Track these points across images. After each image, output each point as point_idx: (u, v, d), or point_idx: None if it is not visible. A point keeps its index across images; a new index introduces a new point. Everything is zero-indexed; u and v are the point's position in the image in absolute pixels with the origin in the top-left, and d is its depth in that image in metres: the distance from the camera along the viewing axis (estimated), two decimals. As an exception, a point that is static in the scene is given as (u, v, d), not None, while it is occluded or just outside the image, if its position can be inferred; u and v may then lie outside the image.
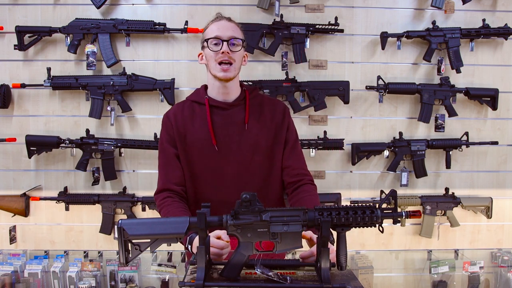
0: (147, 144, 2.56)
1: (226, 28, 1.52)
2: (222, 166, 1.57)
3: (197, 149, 1.57)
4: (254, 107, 1.62)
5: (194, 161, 1.58)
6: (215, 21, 1.55)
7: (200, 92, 1.64)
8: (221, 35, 1.51)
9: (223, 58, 1.50)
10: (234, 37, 1.52)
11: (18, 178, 2.67)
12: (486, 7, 2.68)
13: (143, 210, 2.66)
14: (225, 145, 1.56)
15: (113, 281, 2.56)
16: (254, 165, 1.58)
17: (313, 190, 1.60)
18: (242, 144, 1.57)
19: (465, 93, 2.63)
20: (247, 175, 1.58)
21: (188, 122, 1.59)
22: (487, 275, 2.73)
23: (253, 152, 1.58)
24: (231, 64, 1.52)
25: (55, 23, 2.56)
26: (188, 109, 1.62)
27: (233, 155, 1.57)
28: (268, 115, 1.62)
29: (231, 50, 1.51)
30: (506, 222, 2.79)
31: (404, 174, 2.67)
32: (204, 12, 2.61)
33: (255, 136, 1.58)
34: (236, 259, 1.15)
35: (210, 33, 1.54)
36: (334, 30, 2.57)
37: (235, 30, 1.54)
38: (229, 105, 1.59)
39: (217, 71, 1.53)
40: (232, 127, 1.57)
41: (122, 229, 1.11)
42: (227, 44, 1.50)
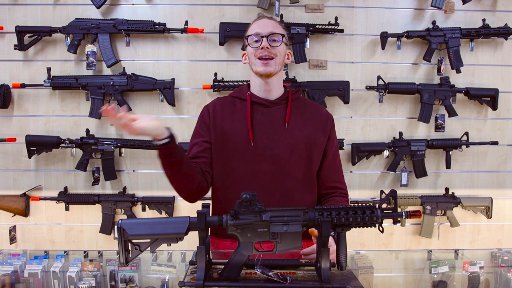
0: (147, 144, 2.56)
1: (265, 24, 1.52)
2: (257, 163, 1.53)
3: (233, 143, 1.54)
4: (296, 108, 1.58)
5: (229, 153, 1.55)
6: (256, 20, 1.56)
7: (243, 89, 1.63)
8: (261, 31, 1.50)
9: (263, 53, 1.49)
10: (274, 33, 1.50)
11: (18, 178, 2.67)
12: (486, 7, 2.68)
13: (143, 210, 2.66)
14: (262, 142, 1.53)
15: (113, 281, 2.56)
16: (290, 165, 1.54)
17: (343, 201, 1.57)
18: (280, 142, 1.53)
19: (465, 93, 2.63)
20: (282, 174, 1.53)
21: (227, 114, 1.57)
22: (487, 275, 2.73)
23: (290, 152, 1.54)
24: (271, 59, 1.50)
25: (55, 23, 2.56)
26: (229, 104, 1.60)
27: (270, 152, 1.53)
28: (310, 118, 1.59)
29: (271, 45, 1.49)
30: (506, 222, 2.79)
31: (404, 174, 2.67)
32: (204, 12, 2.61)
33: (294, 136, 1.54)
34: (236, 259, 1.15)
35: (250, 31, 1.54)
36: (334, 30, 2.57)
37: (275, 26, 1.54)
38: (271, 102, 1.56)
39: (257, 66, 1.51)
40: (271, 125, 1.55)
41: (122, 229, 1.11)
42: (266, 40, 1.49)
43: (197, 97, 2.66)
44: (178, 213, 2.69)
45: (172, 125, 2.71)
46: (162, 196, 2.65)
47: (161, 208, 2.63)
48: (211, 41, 2.63)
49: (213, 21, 2.61)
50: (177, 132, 2.70)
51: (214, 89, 2.56)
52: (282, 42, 1.52)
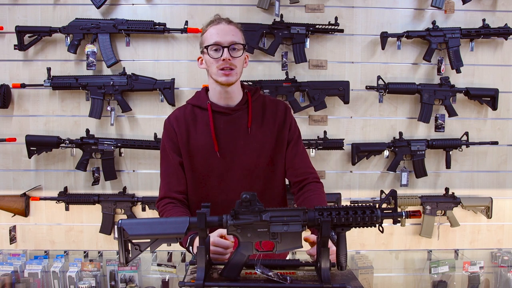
0: (147, 144, 2.56)
1: (225, 32, 1.47)
2: (226, 172, 1.55)
3: (201, 154, 1.55)
4: (257, 110, 1.59)
5: (198, 166, 1.57)
6: (213, 24, 1.50)
7: (201, 96, 1.61)
8: (221, 40, 1.46)
9: (224, 65, 1.47)
10: (235, 42, 1.47)
11: (18, 178, 2.67)
12: (486, 7, 2.68)
13: (143, 210, 2.66)
14: (228, 150, 1.54)
15: (113, 281, 2.56)
16: (258, 169, 1.57)
17: (319, 188, 1.59)
18: (246, 148, 1.55)
19: (465, 93, 2.63)
20: (250, 179, 1.57)
21: (191, 127, 1.56)
22: (487, 275, 2.73)
23: (257, 156, 1.56)
24: (232, 69, 1.49)
25: (55, 23, 2.56)
26: (190, 114, 1.59)
27: (237, 160, 1.55)
28: (270, 117, 1.59)
29: (232, 56, 1.47)
30: (506, 222, 2.79)
31: (404, 174, 2.67)
32: (204, 12, 2.61)
33: (259, 140, 1.56)
34: (236, 259, 1.15)
35: (209, 38, 1.49)
36: (334, 30, 2.57)
37: (235, 33, 1.50)
38: (232, 109, 1.56)
39: (218, 76, 1.50)
40: (235, 132, 1.55)
41: (122, 229, 1.11)
42: (227, 51, 1.46)
43: (197, 97, 2.65)
44: (178, 213, 2.68)
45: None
46: (162, 196, 2.65)
47: (161, 208, 2.63)
48: (211, 41, 2.63)
49: (213, 21, 2.61)
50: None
51: (214, 89, 2.56)
52: (243, 50, 1.51)
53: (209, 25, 1.51)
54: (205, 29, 1.52)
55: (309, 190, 1.57)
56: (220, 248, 1.29)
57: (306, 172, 1.61)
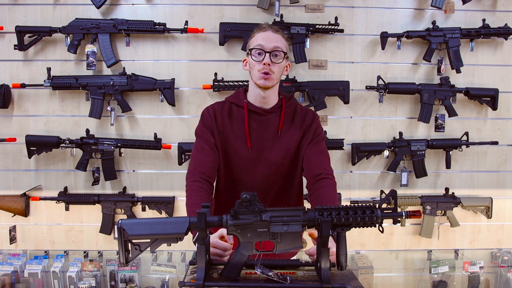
0: (147, 144, 2.56)
1: (270, 39, 1.57)
2: (254, 167, 1.66)
3: (233, 147, 1.66)
4: (288, 115, 1.69)
5: (230, 157, 1.67)
6: (261, 30, 1.61)
7: (239, 95, 1.71)
8: (265, 45, 1.56)
9: (264, 69, 1.57)
10: (277, 49, 1.57)
11: (18, 178, 2.67)
12: (486, 7, 2.68)
13: (143, 210, 2.66)
14: (258, 148, 1.65)
15: (113, 281, 2.56)
16: (281, 168, 1.68)
17: (331, 185, 1.64)
18: (274, 149, 1.66)
19: (465, 93, 2.63)
20: (274, 176, 1.68)
21: (226, 120, 1.66)
22: (487, 275, 2.73)
23: (282, 157, 1.67)
24: (270, 74, 1.58)
25: (55, 23, 2.56)
26: (227, 109, 1.69)
27: (265, 158, 1.66)
28: (299, 122, 1.70)
29: (273, 61, 1.57)
30: (506, 222, 2.79)
31: (404, 174, 2.67)
32: (204, 12, 2.61)
33: (285, 143, 1.67)
34: (236, 259, 1.15)
35: (254, 42, 1.59)
36: (334, 30, 2.57)
37: (279, 41, 1.59)
38: (266, 111, 1.66)
39: (257, 79, 1.59)
40: (266, 133, 1.66)
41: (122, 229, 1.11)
42: (269, 56, 1.56)
43: (197, 97, 2.66)
44: (178, 213, 2.69)
45: (172, 125, 2.72)
46: (162, 196, 2.65)
47: (161, 208, 2.63)
48: (211, 41, 2.63)
49: (213, 21, 2.61)
50: (177, 132, 2.73)
51: (214, 89, 2.56)
52: (283, 58, 1.60)
53: (257, 31, 1.62)
54: (253, 34, 1.63)
55: (320, 188, 1.61)
56: (219, 250, 1.29)
57: (321, 168, 1.66)
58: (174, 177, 2.68)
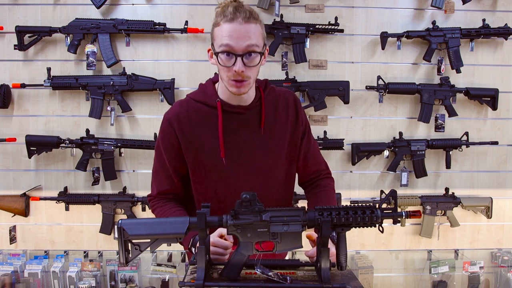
0: (147, 144, 2.56)
1: (241, 35, 1.21)
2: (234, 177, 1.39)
3: (207, 159, 1.39)
4: (269, 105, 1.40)
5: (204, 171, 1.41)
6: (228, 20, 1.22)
7: (208, 91, 1.41)
8: (235, 46, 1.21)
9: (236, 77, 1.25)
10: (251, 49, 1.22)
11: (18, 178, 2.67)
12: (486, 7, 2.67)
13: (143, 210, 2.66)
14: (239, 153, 1.38)
15: (113, 281, 2.56)
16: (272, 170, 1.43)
17: (329, 184, 1.55)
18: (260, 150, 1.39)
19: (465, 93, 2.63)
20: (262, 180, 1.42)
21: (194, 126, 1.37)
22: (487, 275, 2.73)
23: (272, 157, 1.41)
24: (245, 81, 1.27)
25: (55, 23, 2.56)
26: (193, 111, 1.38)
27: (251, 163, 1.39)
28: (283, 112, 1.42)
29: (247, 65, 1.23)
30: (506, 222, 2.79)
31: (404, 174, 2.67)
32: (204, 12, 2.61)
33: (274, 139, 1.41)
34: (236, 259, 1.15)
35: (220, 37, 1.23)
36: (334, 30, 2.57)
37: (253, 34, 1.22)
38: (245, 108, 1.37)
39: (228, 86, 1.29)
40: (249, 133, 1.38)
41: (122, 229, 1.11)
42: (241, 60, 1.22)
43: (197, 97, 2.65)
44: (178, 213, 2.68)
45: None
46: (162, 196, 2.65)
47: (161, 208, 2.63)
48: (211, 41, 2.63)
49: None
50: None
51: (214, 89, 2.56)
52: (260, 57, 1.26)
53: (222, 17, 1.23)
54: (217, 21, 1.25)
55: (318, 186, 1.54)
56: (220, 249, 1.28)
57: (318, 170, 1.56)
58: (174, 177, 2.68)
